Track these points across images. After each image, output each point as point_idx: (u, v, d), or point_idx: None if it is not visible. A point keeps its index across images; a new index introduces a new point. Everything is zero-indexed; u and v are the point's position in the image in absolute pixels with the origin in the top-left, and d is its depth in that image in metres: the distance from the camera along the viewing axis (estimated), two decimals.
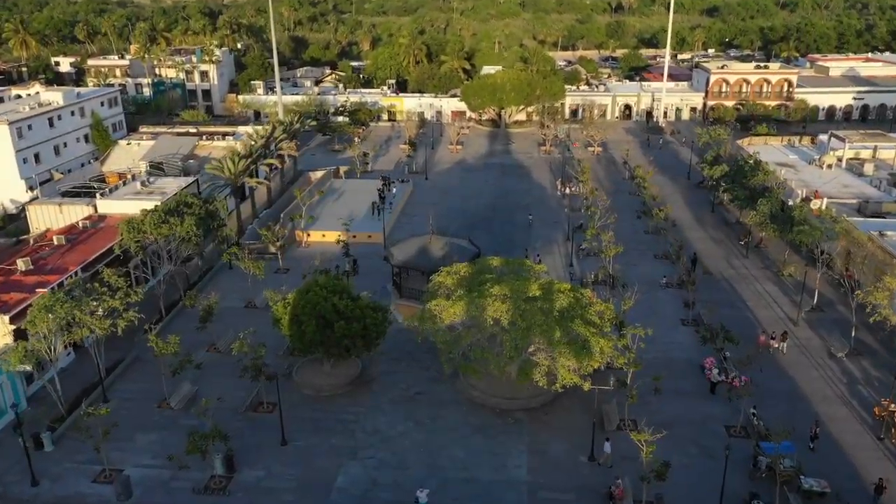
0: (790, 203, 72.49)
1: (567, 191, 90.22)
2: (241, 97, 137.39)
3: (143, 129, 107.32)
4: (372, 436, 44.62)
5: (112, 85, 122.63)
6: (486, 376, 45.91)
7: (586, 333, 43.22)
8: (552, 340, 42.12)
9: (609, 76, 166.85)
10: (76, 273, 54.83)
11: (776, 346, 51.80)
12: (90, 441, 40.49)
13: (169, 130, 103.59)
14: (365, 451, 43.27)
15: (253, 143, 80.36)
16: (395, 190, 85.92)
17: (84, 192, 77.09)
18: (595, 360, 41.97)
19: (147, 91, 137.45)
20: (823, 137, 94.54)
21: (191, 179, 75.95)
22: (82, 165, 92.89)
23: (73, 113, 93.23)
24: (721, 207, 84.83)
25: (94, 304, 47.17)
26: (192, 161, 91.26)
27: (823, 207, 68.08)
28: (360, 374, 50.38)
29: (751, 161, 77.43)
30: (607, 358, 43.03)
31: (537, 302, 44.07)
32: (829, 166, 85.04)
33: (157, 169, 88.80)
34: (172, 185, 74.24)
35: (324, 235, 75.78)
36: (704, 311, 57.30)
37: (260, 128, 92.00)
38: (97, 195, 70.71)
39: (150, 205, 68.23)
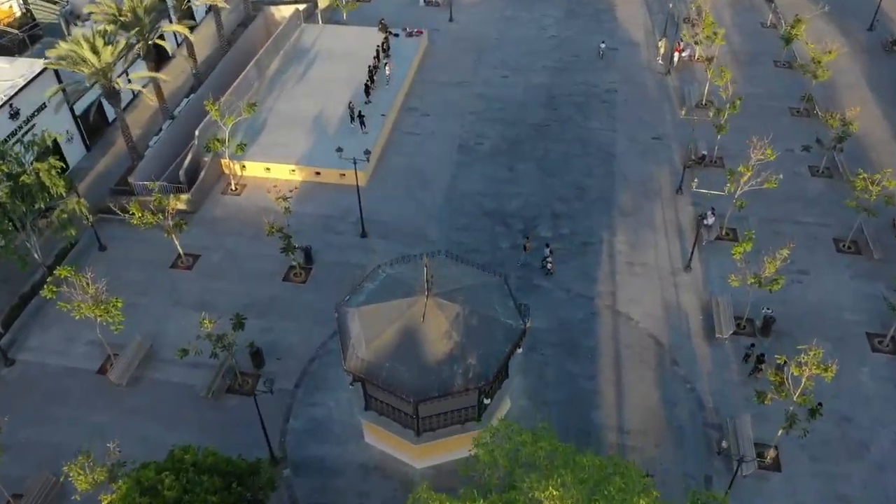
0: None
1: (675, 58, 55.68)
2: None
3: None
4: None
5: None
6: None
7: None
8: None
9: None
10: None
11: None
12: None
13: None
14: None
15: (137, 2, 46.00)
16: (389, 71, 52.56)
17: None
18: None
19: None
20: None
21: (36, 69, 44.26)
22: None
23: None
24: None
25: None
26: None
27: None
28: None
29: None
30: None
31: None
32: None
33: (27, 19, 56.37)
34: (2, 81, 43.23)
35: (268, 169, 45.50)
36: None
37: None
38: None
39: None
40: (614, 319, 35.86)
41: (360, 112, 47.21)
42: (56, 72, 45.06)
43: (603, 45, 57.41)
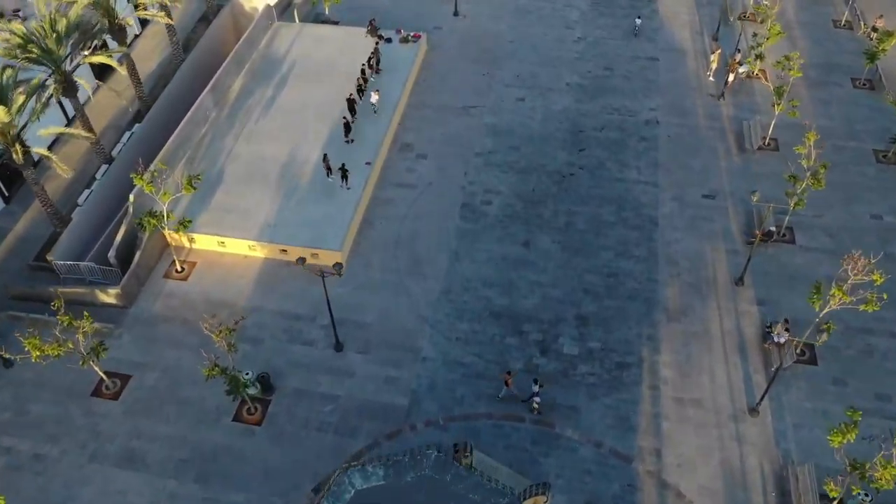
0: None
1: (730, 77, 45.09)
2: None
3: None
4: None
5: None
6: None
7: None
8: None
9: None
10: None
11: None
12: None
13: None
14: None
15: (48, 28, 35.30)
16: (375, 99, 42.23)
17: None
18: None
19: None
20: None
21: None
22: None
23: None
24: None
25: None
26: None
27: None
28: None
29: None
30: None
31: None
32: None
33: None
34: None
35: (223, 244, 36.35)
36: None
37: None
38: None
39: None
40: (661, 497, 27.47)
41: (342, 165, 37.50)
42: None
43: (638, 21, 49.76)
